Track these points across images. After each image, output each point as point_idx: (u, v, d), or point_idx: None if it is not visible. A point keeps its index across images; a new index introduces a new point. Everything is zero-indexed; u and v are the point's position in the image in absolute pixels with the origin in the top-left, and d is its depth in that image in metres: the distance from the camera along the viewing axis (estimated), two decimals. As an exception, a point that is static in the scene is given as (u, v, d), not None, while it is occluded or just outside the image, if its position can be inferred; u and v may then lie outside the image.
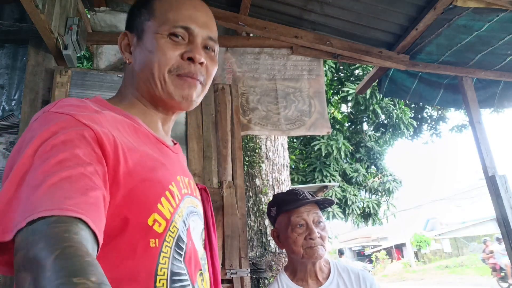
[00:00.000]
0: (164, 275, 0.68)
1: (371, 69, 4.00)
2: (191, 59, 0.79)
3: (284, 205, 1.59)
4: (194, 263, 0.76)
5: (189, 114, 2.43)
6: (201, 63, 0.80)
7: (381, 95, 3.78)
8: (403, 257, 25.35)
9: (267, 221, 4.46)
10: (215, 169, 2.38)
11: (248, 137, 4.85)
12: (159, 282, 0.67)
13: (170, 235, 0.70)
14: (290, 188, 1.74)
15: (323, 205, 1.63)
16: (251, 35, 2.89)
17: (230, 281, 2.24)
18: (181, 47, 0.80)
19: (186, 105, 0.82)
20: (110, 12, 2.62)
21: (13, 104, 2.44)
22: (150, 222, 0.67)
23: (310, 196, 1.63)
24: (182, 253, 0.72)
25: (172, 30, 0.79)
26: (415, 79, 3.04)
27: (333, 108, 9.79)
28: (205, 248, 2.24)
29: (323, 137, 8.40)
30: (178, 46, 0.79)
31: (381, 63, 2.83)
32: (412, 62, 2.86)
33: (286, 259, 1.63)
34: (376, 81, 3.19)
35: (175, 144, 0.91)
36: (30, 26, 2.38)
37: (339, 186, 8.54)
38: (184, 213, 0.76)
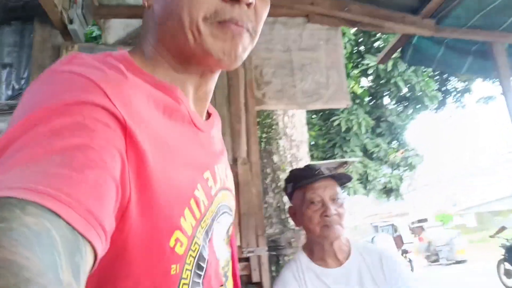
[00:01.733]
0: None
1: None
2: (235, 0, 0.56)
3: (299, 180, 1.51)
4: (215, 280, 0.61)
5: (201, 88, 2.33)
6: (249, 4, 0.57)
7: (405, 64, 3.58)
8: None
9: (285, 198, 4.38)
10: (229, 146, 2.29)
11: (265, 113, 4.74)
12: None
13: (191, 255, 0.54)
14: (307, 164, 1.65)
15: (340, 180, 1.53)
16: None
17: (247, 259, 2.19)
18: None
19: (229, 63, 0.58)
20: (117, -17, 2.51)
21: (22, 83, 2.40)
22: (172, 243, 0.51)
23: (327, 171, 1.53)
24: (202, 274, 0.57)
25: None
26: (441, 46, 2.84)
27: (353, 82, 9.51)
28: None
29: (342, 111, 8.20)
30: None
31: (405, 30, 2.64)
32: (438, 27, 2.66)
33: (306, 236, 1.55)
34: (399, 49, 3.00)
35: (209, 116, 0.71)
36: (36, 1, 2.31)
37: (359, 162, 8.38)
38: (209, 221, 0.59)
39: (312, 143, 9.01)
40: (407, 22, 2.61)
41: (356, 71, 9.30)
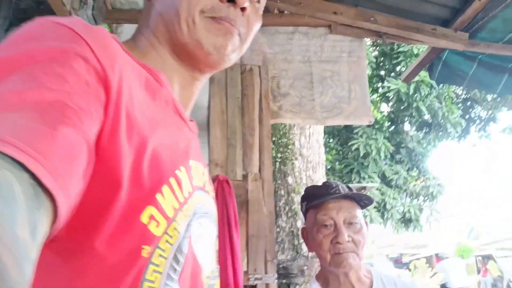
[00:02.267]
0: None
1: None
2: (232, 1, 0.59)
3: (312, 199, 1.30)
4: (193, 284, 0.53)
5: (212, 97, 2.17)
6: (244, 9, 0.61)
7: (427, 87, 3.36)
8: (444, 266, 24.11)
9: (299, 223, 4.16)
10: (239, 159, 2.10)
11: (281, 132, 4.58)
12: None
13: (167, 241, 0.48)
14: (326, 181, 1.44)
15: (360, 201, 1.32)
16: (284, 12, 2.59)
17: (253, 287, 1.96)
18: None
19: (217, 58, 0.60)
20: (130, -13, 2.41)
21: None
22: (145, 219, 0.46)
23: (346, 189, 1.32)
24: (179, 270, 0.50)
25: None
26: (473, 63, 2.63)
27: (373, 107, 9.29)
28: (223, 250, 1.86)
29: (361, 136, 7.96)
30: None
31: (435, 43, 2.44)
32: (471, 41, 2.46)
33: (320, 264, 1.32)
34: (427, 66, 2.80)
35: (191, 121, 0.69)
36: (47, 2, 2.23)
37: (377, 189, 8.05)
38: (190, 213, 0.54)
39: (329, 167, 8.75)
40: (437, 35, 2.42)
41: (376, 96, 9.09)
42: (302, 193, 1.39)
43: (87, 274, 0.43)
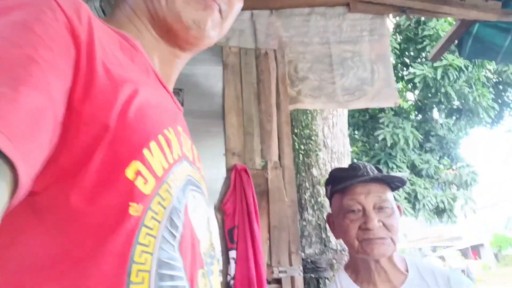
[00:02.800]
0: (146, 264, 0.42)
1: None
2: None
3: (338, 183, 1.19)
4: (192, 256, 0.50)
5: (227, 84, 2.08)
6: None
7: (463, 57, 3.16)
8: (480, 258, 23.28)
9: (326, 215, 4.03)
10: (257, 147, 2.00)
11: (303, 123, 4.46)
12: (137, 275, 0.41)
13: (160, 203, 0.45)
14: (351, 163, 1.33)
15: (392, 184, 1.20)
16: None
17: (278, 281, 1.85)
18: None
19: (197, 34, 0.59)
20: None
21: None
22: (131, 175, 0.43)
23: (376, 171, 1.20)
24: (177, 236, 0.47)
25: None
26: (508, 34, 2.42)
27: (399, 96, 8.99)
28: (244, 243, 1.78)
29: (387, 125, 7.70)
30: None
31: (464, 14, 2.26)
32: (505, 10, 2.26)
33: (348, 252, 1.21)
34: (455, 42, 2.61)
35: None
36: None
37: (407, 179, 7.78)
38: (183, 178, 0.52)
39: (355, 160, 8.54)
40: (467, 6, 2.24)
41: (401, 84, 8.78)
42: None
43: (66, 233, 0.40)
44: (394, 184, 1.20)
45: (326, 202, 3.88)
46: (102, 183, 0.41)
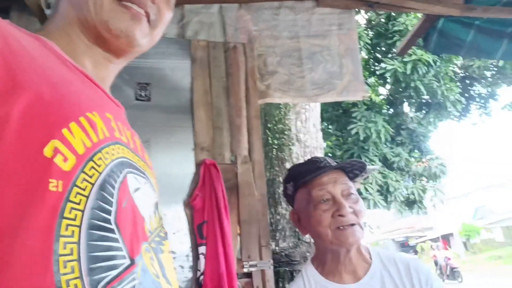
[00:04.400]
0: (73, 236, 0.45)
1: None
2: None
3: (302, 177, 1.19)
4: (133, 229, 0.53)
5: (195, 78, 2.05)
6: None
7: (429, 52, 3.23)
8: (450, 247, 24.15)
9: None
10: (227, 142, 1.98)
11: (276, 118, 4.47)
12: (65, 247, 0.44)
13: (85, 179, 0.48)
14: (311, 157, 1.33)
15: (352, 172, 1.22)
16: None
17: (248, 275, 1.85)
18: None
19: (126, 42, 0.63)
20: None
21: None
22: (48, 152, 0.45)
23: (334, 162, 1.22)
24: (112, 208, 0.50)
25: None
26: (470, 29, 2.49)
27: (371, 90, 9.15)
28: (213, 238, 1.78)
29: (360, 120, 7.83)
30: None
31: (428, 9, 2.31)
32: (467, 6, 2.32)
33: (315, 245, 1.22)
34: (422, 36, 2.66)
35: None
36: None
37: (379, 172, 7.94)
38: (116, 160, 0.54)
39: (329, 154, 8.63)
40: (431, 1, 2.29)
41: (373, 79, 8.94)
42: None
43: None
44: (353, 173, 1.21)
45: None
46: (16, 163, 0.43)
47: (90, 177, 0.49)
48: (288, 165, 4.24)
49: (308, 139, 4.47)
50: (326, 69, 2.32)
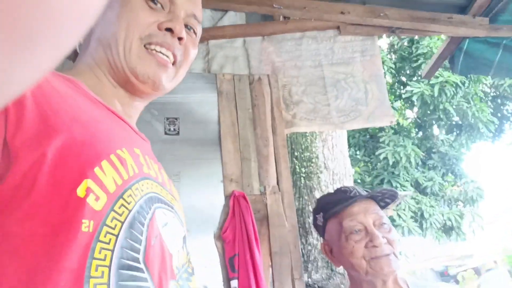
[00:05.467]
0: (103, 277, 0.45)
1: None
2: (169, 30, 0.65)
3: (331, 207, 1.17)
4: (161, 267, 0.53)
5: (222, 111, 2.09)
6: (181, 39, 0.66)
7: (455, 73, 3.18)
8: (494, 275, 22.68)
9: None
10: (255, 173, 1.99)
11: (303, 146, 4.46)
12: None
13: (115, 218, 0.48)
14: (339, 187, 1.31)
15: (383, 200, 1.18)
16: (290, 18, 2.51)
17: (282, 309, 1.80)
18: (158, 15, 0.65)
19: (152, 87, 0.65)
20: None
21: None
22: (81, 192, 0.45)
23: (364, 192, 1.19)
24: (141, 249, 0.50)
25: None
26: (498, 49, 2.44)
27: (397, 114, 9.02)
28: (245, 271, 1.77)
29: (388, 144, 7.69)
30: (156, 13, 0.65)
31: (453, 32, 2.29)
32: (493, 26, 2.29)
33: (349, 277, 1.17)
34: (448, 58, 2.63)
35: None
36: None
37: (412, 198, 7.69)
38: (145, 196, 0.55)
39: (358, 181, 8.46)
40: (455, 23, 2.27)
41: (399, 103, 8.83)
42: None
43: (18, 258, 0.41)
44: (384, 201, 1.18)
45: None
46: (50, 203, 0.44)
47: (120, 215, 0.49)
48: (317, 194, 4.18)
49: (336, 166, 4.42)
50: (351, 96, 2.32)
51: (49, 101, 0.49)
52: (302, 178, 4.28)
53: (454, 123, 8.48)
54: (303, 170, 4.30)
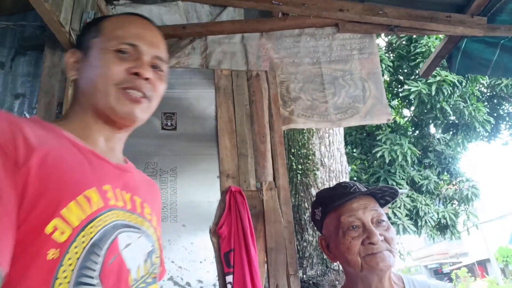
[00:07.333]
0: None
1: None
2: (137, 74, 0.79)
3: (330, 202, 1.17)
4: (117, 280, 0.67)
5: (219, 106, 2.09)
6: (147, 79, 0.80)
7: (453, 73, 3.19)
8: (487, 274, 22.87)
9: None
10: (252, 169, 1.99)
11: (300, 143, 4.46)
12: None
13: (78, 246, 0.63)
14: (340, 182, 1.31)
15: (383, 198, 1.18)
16: (289, 15, 2.51)
17: (277, 305, 1.81)
18: (127, 62, 0.80)
19: (129, 122, 0.81)
20: (131, 4, 2.39)
21: (34, 113, 2.28)
22: (48, 229, 0.61)
23: (364, 188, 1.19)
24: (97, 266, 0.64)
25: (118, 46, 0.80)
26: (495, 49, 2.45)
27: (395, 112, 9.02)
28: (240, 266, 1.78)
29: (385, 142, 7.69)
30: (124, 62, 0.79)
31: (451, 31, 2.30)
32: (491, 25, 2.30)
33: (346, 273, 1.17)
34: (445, 57, 2.64)
35: (127, 163, 0.89)
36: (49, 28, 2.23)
37: (407, 196, 7.72)
38: (108, 225, 0.69)
39: (355, 178, 8.47)
40: (453, 22, 2.28)
41: (397, 101, 8.83)
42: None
43: (22, 278, 0.59)
44: (384, 199, 1.18)
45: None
46: (25, 239, 0.59)
47: (82, 243, 0.63)
48: (313, 191, 4.19)
49: (333, 164, 4.42)
50: (348, 93, 2.33)
51: (35, 153, 0.63)
52: (298, 174, 4.28)
53: (450, 122, 8.49)
54: (299, 167, 4.30)
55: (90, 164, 0.73)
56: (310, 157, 4.34)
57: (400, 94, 8.23)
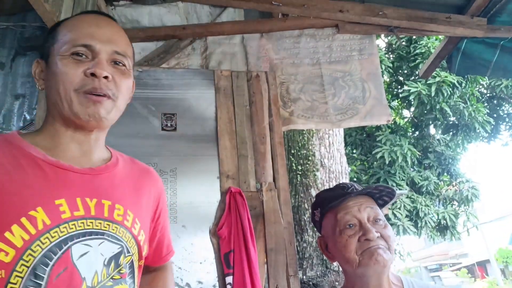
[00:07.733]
0: None
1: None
2: (93, 75, 0.78)
3: (328, 202, 1.17)
4: None
5: (219, 107, 2.09)
6: (106, 77, 0.80)
7: (453, 73, 3.19)
8: (487, 275, 22.85)
9: (326, 236, 3.96)
10: (252, 170, 1.99)
11: (300, 144, 4.46)
12: None
13: (23, 264, 0.67)
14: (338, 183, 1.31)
15: (381, 199, 1.19)
16: (289, 15, 2.51)
17: (277, 306, 1.80)
18: (84, 64, 0.79)
19: (96, 123, 0.81)
20: (131, 5, 2.39)
21: (34, 114, 2.28)
22: None
23: (362, 189, 1.19)
24: (42, 283, 0.68)
25: (72, 49, 0.79)
26: (495, 49, 2.45)
27: (394, 113, 9.02)
28: (240, 267, 1.78)
29: (385, 143, 7.70)
30: (81, 64, 0.79)
31: (451, 32, 2.30)
32: (491, 26, 2.30)
33: (345, 273, 1.17)
34: (445, 58, 2.64)
35: (108, 163, 0.88)
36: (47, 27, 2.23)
37: (407, 196, 7.71)
38: (57, 240, 0.71)
39: (355, 179, 8.47)
40: (453, 23, 2.28)
41: (396, 102, 8.84)
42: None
43: None
44: (382, 199, 1.18)
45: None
46: None
47: (27, 262, 0.67)
48: (313, 191, 4.19)
49: (333, 164, 4.42)
50: (348, 94, 2.33)
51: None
52: (298, 175, 4.28)
53: (450, 123, 8.49)
54: (299, 167, 4.30)
55: (46, 179, 0.75)
56: (310, 158, 4.34)
57: (400, 95, 8.23)
